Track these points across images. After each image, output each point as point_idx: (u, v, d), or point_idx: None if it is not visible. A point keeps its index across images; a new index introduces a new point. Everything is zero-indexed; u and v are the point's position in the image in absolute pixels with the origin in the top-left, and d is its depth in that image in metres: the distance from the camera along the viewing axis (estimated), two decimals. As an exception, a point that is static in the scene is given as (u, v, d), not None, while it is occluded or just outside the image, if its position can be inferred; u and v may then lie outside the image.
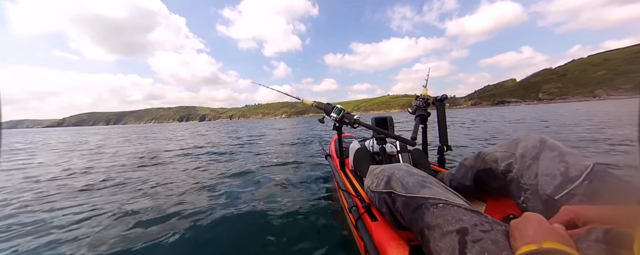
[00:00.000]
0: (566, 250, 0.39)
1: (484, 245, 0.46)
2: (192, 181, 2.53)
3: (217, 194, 2.08)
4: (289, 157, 3.78)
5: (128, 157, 4.68)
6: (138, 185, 2.48)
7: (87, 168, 3.63)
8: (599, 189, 0.56)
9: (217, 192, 2.12)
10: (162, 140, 8.55)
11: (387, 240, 0.71)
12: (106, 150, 6.17)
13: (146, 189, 2.35)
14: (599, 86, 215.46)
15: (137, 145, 7.22)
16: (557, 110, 17.90)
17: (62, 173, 3.32)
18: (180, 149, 5.57)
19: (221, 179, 2.60)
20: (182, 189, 2.28)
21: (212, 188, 2.25)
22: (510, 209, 0.86)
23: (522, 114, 16.05)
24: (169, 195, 2.10)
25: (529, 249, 0.42)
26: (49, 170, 3.57)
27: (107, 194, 2.24)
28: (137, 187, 2.43)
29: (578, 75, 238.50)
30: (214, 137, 9.31)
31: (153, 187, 2.40)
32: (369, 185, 0.91)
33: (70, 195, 2.25)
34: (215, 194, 2.09)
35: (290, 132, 10.03)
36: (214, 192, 2.13)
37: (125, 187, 2.46)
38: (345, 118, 1.28)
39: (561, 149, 0.68)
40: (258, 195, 2.01)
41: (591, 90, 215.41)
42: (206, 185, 2.33)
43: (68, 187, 2.54)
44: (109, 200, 2.06)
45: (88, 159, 4.57)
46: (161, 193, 2.19)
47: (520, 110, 29.72)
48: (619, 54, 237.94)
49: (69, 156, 5.22)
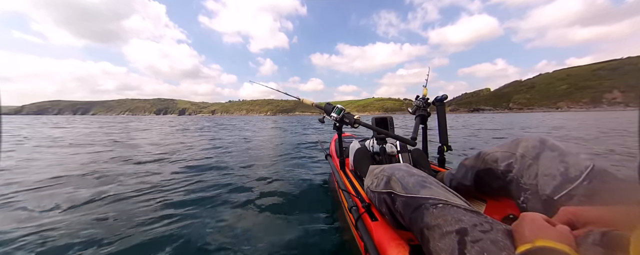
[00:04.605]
0: (559, 248, 0.40)
1: (483, 245, 0.46)
2: (186, 182, 2.38)
3: (214, 194, 1.98)
4: (289, 156, 3.71)
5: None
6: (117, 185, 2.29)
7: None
8: (598, 189, 0.56)
9: (214, 193, 2.02)
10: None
11: (387, 240, 0.71)
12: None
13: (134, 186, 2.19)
14: (562, 99, 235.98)
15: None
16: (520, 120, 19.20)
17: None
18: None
19: (217, 178, 2.48)
20: (173, 189, 2.16)
21: (207, 188, 2.14)
22: (510, 209, 0.87)
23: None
24: (152, 196, 1.98)
25: (524, 249, 0.42)
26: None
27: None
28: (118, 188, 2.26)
29: (544, 88, 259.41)
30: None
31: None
32: (368, 185, 0.90)
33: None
34: (212, 194, 1.98)
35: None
36: (210, 193, 2.02)
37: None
38: (346, 118, 1.28)
39: (561, 149, 0.68)
40: (257, 195, 1.96)
41: (555, 103, 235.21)
42: (200, 186, 2.21)
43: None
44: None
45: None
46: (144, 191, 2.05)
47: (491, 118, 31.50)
48: (581, 70, 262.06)
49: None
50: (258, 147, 4.91)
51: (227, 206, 1.72)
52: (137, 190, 2.04)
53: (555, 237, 0.42)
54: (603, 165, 0.61)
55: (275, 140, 6.27)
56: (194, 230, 1.39)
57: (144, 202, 1.79)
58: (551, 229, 0.44)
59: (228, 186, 2.18)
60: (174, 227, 1.41)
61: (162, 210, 1.65)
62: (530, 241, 0.43)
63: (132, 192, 2.01)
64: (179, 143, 5.46)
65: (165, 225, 1.44)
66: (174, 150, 4.30)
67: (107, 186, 2.17)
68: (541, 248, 0.41)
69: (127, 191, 2.02)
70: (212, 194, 1.97)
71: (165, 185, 2.20)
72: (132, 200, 1.83)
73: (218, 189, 2.11)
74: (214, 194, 1.98)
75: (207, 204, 1.76)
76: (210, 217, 1.54)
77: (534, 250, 0.41)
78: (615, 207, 0.49)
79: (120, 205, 1.73)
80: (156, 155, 3.83)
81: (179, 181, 2.34)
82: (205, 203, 1.78)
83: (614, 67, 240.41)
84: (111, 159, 3.46)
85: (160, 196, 1.92)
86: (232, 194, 1.99)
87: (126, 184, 2.26)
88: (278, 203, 1.78)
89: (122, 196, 1.90)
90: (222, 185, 2.23)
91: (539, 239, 0.42)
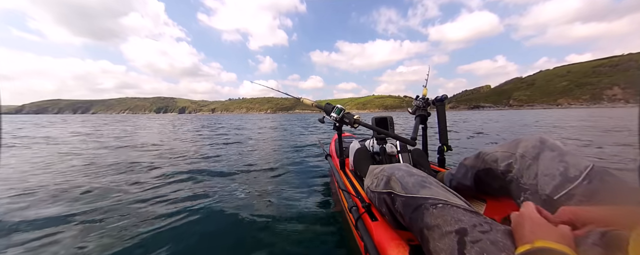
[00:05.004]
0: (558, 249, 0.39)
1: (483, 245, 0.47)
2: (184, 182, 2.38)
3: (213, 194, 1.98)
4: (288, 156, 3.71)
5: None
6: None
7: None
8: (598, 189, 0.56)
9: (212, 193, 2.02)
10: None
11: (387, 240, 0.71)
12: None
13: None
14: (562, 96, 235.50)
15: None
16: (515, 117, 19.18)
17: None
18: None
19: (216, 178, 2.48)
20: (172, 188, 2.16)
21: (207, 189, 2.13)
22: (510, 209, 0.86)
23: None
24: (155, 193, 1.98)
25: (523, 249, 0.42)
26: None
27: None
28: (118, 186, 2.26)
29: (544, 84, 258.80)
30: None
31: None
32: (368, 185, 0.90)
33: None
34: (211, 194, 1.98)
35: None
36: (209, 193, 2.02)
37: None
38: (346, 118, 1.27)
39: (561, 149, 0.68)
40: (257, 195, 1.96)
41: (555, 99, 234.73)
42: (201, 187, 2.21)
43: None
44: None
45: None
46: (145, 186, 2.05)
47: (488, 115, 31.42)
48: (581, 67, 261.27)
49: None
50: (257, 147, 4.90)
51: (227, 207, 1.72)
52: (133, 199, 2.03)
53: (554, 238, 0.42)
54: (603, 165, 0.61)
55: (274, 140, 6.27)
56: (194, 232, 1.39)
57: (143, 209, 1.79)
58: (551, 229, 0.44)
59: (228, 186, 2.19)
60: (170, 231, 1.40)
61: (172, 205, 1.65)
62: (530, 242, 0.42)
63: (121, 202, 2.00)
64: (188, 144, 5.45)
65: (164, 226, 1.45)
66: (182, 151, 4.30)
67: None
68: (541, 249, 0.40)
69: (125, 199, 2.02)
70: (212, 195, 1.96)
71: (166, 185, 2.21)
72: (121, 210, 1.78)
73: (217, 189, 2.11)
74: (213, 194, 1.98)
75: (208, 204, 1.76)
76: (210, 218, 1.55)
77: (533, 251, 0.41)
78: (615, 207, 0.49)
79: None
80: (163, 157, 3.83)
81: (183, 181, 2.35)
82: (205, 203, 1.78)
83: (614, 64, 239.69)
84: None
85: (173, 194, 1.92)
86: (232, 194, 1.99)
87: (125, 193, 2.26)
88: (278, 203, 1.78)
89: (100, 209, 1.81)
90: (221, 185, 2.23)
91: (538, 239, 0.42)
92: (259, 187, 2.17)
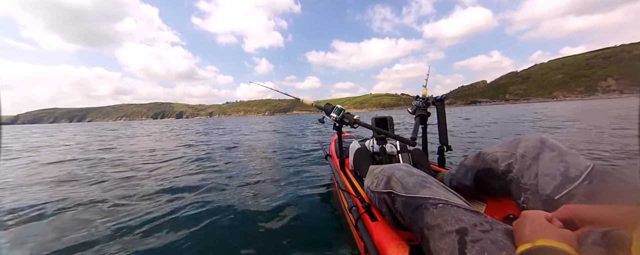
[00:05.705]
0: (559, 247, 0.39)
1: (483, 245, 0.46)
2: (182, 182, 2.39)
3: (213, 194, 1.99)
4: (288, 156, 3.71)
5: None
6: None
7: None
8: (599, 189, 0.56)
9: (212, 193, 2.02)
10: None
11: (387, 240, 0.71)
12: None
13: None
14: (557, 88, 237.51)
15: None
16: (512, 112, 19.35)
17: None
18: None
19: (214, 179, 2.48)
20: (170, 188, 2.15)
21: (207, 190, 2.14)
22: (510, 209, 0.86)
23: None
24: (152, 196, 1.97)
25: (524, 248, 0.42)
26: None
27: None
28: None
29: (539, 78, 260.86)
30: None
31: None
32: (368, 185, 0.90)
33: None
34: (211, 195, 1.99)
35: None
36: (209, 193, 2.03)
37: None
38: (345, 118, 1.27)
39: (561, 149, 0.68)
40: (257, 196, 1.96)
41: (550, 92, 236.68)
42: (199, 187, 2.21)
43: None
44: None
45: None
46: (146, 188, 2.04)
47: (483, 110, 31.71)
48: (575, 59, 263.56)
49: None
50: (256, 147, 4.89)
51: (227, 207, 1.71)
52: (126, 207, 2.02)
53: (556, 237, 0.41)
54: (603, 165, 0.61)
55: (274, 140, 6.26)
56: (194, 232, 1.38)
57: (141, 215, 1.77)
58: (552, 228, 0.44)
59: (228, 186, 2.18)
60: (169, 232, 1.39)
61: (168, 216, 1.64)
62: (531, 241, 0.42)
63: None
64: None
65: (166, 230, 1.44)
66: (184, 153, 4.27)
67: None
68: (542, 248, 0.40)
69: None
70: (211, 195, 1.96)
71: (169, 186, 2.19)
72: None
73: (216, 189, 2.11)
74: (211, 194, 1.98)
75: (207, 204, 1.75)
76: (210, 218, 1.54)
77: (534, 249, 0.41)
78: (616, 206, 0.49)
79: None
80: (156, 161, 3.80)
81: (183, 181, 2.33)
82: (205, 203, 1.78)
83: (608, 56, 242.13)
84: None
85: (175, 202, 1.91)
86: (231, 194, 1.99)
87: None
88: (278, 203, 1.77)
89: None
90: (220, 186, 2.22)
91: (539, 238, 0.42)
92: (259, 188, 2.17)
